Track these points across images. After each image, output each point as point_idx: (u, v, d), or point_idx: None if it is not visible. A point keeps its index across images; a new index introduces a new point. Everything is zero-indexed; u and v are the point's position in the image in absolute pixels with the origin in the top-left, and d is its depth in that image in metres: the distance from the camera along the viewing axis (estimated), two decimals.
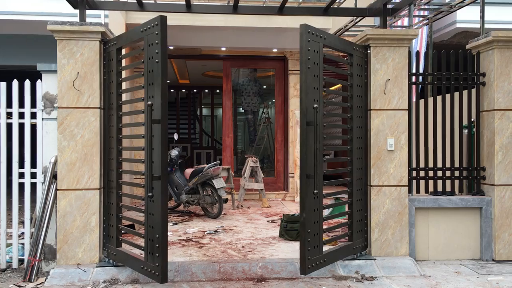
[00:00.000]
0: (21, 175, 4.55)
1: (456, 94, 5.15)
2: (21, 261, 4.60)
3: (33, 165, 4.54)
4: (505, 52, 4.84)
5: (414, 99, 5.10)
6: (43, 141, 4.51)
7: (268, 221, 6.58)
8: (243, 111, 10.40)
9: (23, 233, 4.74)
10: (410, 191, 4.86)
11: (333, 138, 9.85)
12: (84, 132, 4.33)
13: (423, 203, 4.83)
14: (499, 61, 4.83)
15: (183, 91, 14.64)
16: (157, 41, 3.74)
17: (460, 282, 4.18)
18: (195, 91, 14.93)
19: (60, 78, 4.32)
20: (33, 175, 4.55)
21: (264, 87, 10.33)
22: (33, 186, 4.54)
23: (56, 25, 4.26)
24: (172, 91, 14.18)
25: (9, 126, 4.54)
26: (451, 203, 4.85)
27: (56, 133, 4.40)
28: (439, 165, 5.03)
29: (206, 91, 14.96)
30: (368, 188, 4.66)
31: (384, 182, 4.61)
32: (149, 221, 3.84)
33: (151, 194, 3.70)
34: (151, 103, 3.70)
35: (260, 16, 7.14)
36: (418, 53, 5.09)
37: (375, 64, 4.61)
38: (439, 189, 5.02)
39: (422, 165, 5.03)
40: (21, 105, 4.56)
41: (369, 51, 4.65)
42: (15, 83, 4.53)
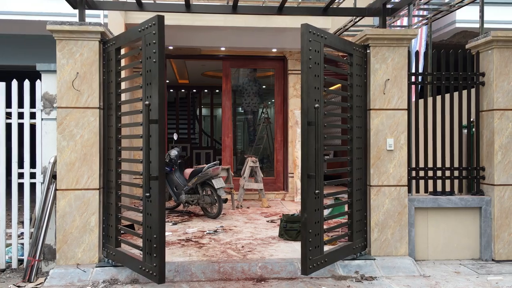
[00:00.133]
0: (21, 175, 4.55)
1: (455, 94, 5.15)
2: (20, 261, 4.59)
3: (33, 165, 4.54)
4: (504, 52, 4.84)
5: (413, 99, 5.10)
6: (43, 141, 4.50)
7: (267, 221, 6.58)
8: (242, 111, 10.39)
9: (22, 233, 4.74)
10: (409, 191, 4.86)
11: (333, 138, 9.84)
12: (83, 132, 4.32)
13: (422, 203, 4.83)
14: (498, 61, 4.83)
15: (183, 91, 14.63)
16: (154, 41, 3.73)
17: (459, 282, 4.18)
18: (194, 91, 14.92)
19: (59, 78, 4.32)
20: (33, 175, 4.54)
21: (263, 87, 10.31)
22: (33, 186, 4.54)
23: (55, 25, 4.26)
24: (171, 91, 14.16)
25: (9, 126, 4.53)
26: (450, 203, 4.85)
27: (55, 133, 4.39)
28: (439, 165, 5.02)
29: (205, 91, 14.95)
30: (367, 188, 4.66)
31: (383, 182, 4.61)
32: (147, 221, 3.84)
33: (148, 194, 3.69)
34: (148, 103, 3.69)
35: (259, 16, 7.14)
36: (417, 53, 5.08)
37: (375, 64, 4.61)
38: (439, 189, 5.01)
39: (421, 165, 5.02)
40: (21, 105, 4.55)
41: (368, 51, 4.65)
42: (15, 83, 4.52)
